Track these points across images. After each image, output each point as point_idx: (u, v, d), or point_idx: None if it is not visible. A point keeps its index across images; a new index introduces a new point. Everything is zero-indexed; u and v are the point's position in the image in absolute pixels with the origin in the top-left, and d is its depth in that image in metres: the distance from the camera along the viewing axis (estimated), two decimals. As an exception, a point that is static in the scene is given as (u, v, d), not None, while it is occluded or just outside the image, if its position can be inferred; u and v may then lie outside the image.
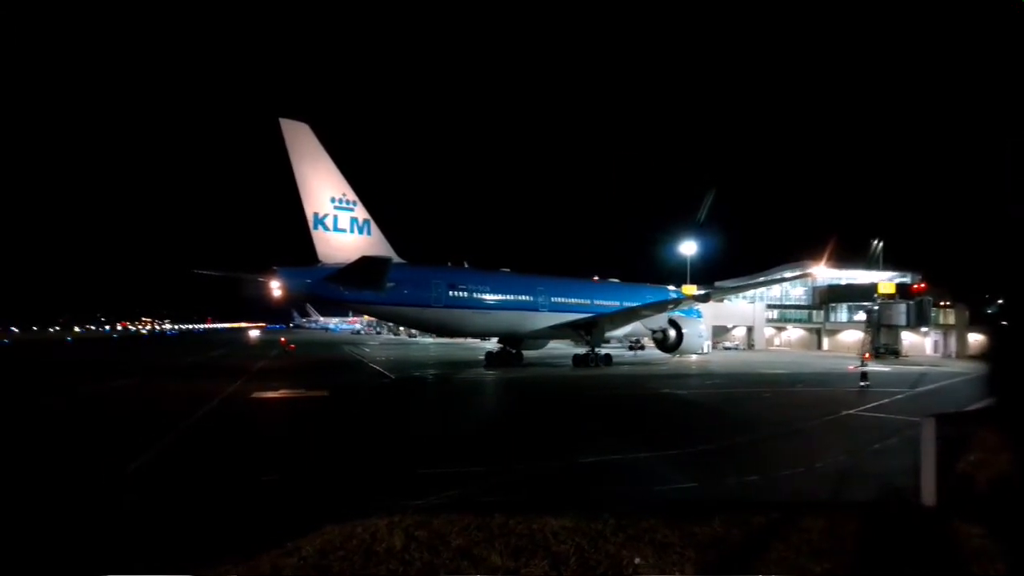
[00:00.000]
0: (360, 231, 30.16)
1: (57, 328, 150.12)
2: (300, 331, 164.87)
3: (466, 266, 38.12)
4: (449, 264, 37.26)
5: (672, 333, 41.09)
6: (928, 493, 7.95)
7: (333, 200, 29.12)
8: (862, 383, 26.27)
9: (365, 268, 27.57)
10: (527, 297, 36.83)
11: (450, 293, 32.83)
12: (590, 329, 37.81)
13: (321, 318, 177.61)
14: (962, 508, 7.44)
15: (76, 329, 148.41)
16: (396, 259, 31.52)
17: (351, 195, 29.74)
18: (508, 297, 35.93)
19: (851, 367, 33.15)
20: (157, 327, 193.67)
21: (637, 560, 6.04)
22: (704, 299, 41.03)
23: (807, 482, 10.40)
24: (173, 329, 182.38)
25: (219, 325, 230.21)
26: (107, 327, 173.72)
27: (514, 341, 39.56)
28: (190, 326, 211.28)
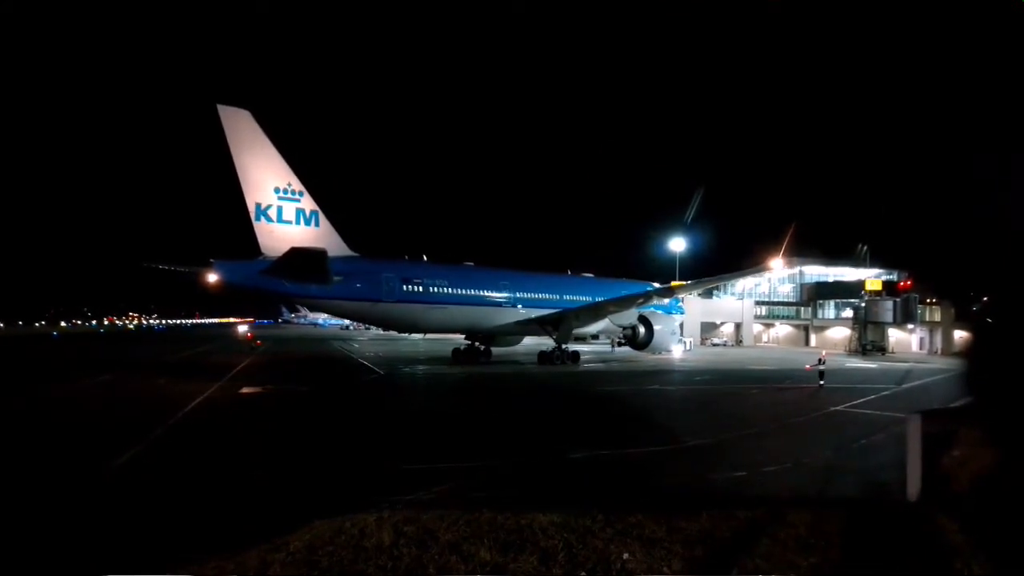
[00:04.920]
0: (307, 223, 28.92)
1: (43, 323, 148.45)
2: (289, 326, 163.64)
3: (424, 259, 36.31)
4: (407, 258, 35.65)
5: (641, 330, 38.67)
6: (914, 489, 8.06)
7: (277, 190, 27.96)
8: (821, 382, 25.70)
9: (298, 260, 26.31)
10: (489, 292, 35.32)
11: (404, 287, 31.40)
12: (557, 325, 36.53)
13: (310, 313, 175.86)
14: (946, 504, 7.54)
15: (62, 324, 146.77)
16: (348, 252, 30.56)
17: (297, 185, 28.49)
18: (468, 292, 34.36)
19: (808, 366, 31.43)
20: (144, 322, 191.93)
21: (625, 555, 6.07)
22: (666, 293, 39.55)
23: (794, 477, 10.48)
24: (160, 324, 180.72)
25: (207, 320, 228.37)
26: (94, 322, 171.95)
27: (481, 337, 38.24)
28: (177, 321, 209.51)
